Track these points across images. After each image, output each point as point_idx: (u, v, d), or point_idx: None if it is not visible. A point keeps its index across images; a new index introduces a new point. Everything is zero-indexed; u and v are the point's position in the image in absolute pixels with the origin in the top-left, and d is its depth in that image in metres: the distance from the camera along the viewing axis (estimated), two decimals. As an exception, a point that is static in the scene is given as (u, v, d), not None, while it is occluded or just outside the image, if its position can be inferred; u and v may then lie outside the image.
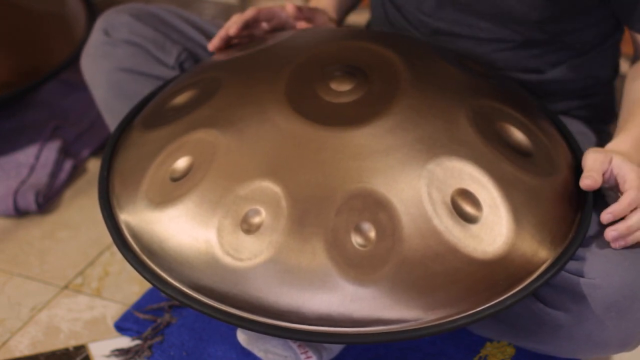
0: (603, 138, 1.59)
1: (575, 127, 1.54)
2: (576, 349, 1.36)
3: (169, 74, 1.61)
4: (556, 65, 1.52)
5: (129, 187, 1.33)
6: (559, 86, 1.54)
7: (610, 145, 1.37)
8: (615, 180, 1.31)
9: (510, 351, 1.50)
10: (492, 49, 1.50)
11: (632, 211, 1.28)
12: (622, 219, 1.29)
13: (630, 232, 1.29)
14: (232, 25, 1.52)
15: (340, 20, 1.71)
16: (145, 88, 1.57)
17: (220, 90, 1.37)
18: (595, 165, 1.31)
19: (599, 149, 1.34)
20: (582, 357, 1.41)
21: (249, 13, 1.53)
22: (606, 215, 1.28)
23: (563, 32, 1.49)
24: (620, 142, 1.38)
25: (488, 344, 1.52)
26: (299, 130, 1.28)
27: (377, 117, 1.28)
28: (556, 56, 1.51)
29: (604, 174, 1.31)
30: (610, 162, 1.31)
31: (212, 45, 1.53)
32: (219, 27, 1.64)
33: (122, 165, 1.37)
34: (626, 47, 1.59)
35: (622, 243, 1.29)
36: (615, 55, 1.59)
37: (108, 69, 1.61)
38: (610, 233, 1.29)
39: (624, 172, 1.30)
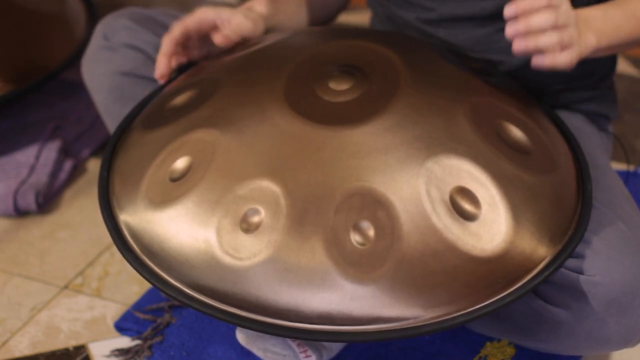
0: (604, 135, 1.58)
1: (576, 122, 1.53)
2: (577, 345, 1.37)
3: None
4: None
5: (128, 188, 1.33)
6: (560, 73, 1.51)
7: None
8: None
9: (510, 351, 1.50)
10: (494, 29, 1.48)
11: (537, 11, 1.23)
12: None
13: (528, 31, 1.23)
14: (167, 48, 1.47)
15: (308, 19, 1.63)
16: (145, 91, 1.57)
17: (219, 90, 1.37)
18: None
19: None
20: (583, 354, 1.41)
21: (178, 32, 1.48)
22: (509, 9, 1.23)
23: None
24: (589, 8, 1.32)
25: (488, 343, 1.52)
26: (298, 130, 1.28)
27: (376, 115, 1.28)
28: None
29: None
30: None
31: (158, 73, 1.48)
32: None
33: (122, 166, 1.37)
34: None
35: (522, 45, 1.23)
36: None
37: (108, 73, 1.61)
38: (508, 29, 1.23)
39: None
